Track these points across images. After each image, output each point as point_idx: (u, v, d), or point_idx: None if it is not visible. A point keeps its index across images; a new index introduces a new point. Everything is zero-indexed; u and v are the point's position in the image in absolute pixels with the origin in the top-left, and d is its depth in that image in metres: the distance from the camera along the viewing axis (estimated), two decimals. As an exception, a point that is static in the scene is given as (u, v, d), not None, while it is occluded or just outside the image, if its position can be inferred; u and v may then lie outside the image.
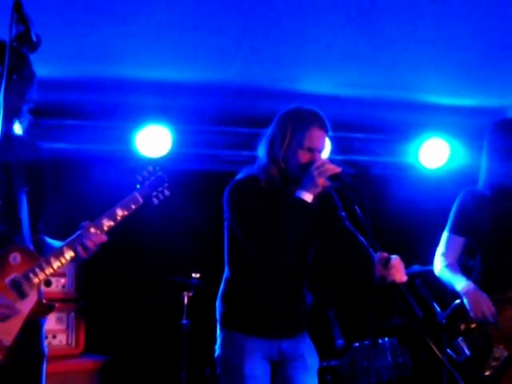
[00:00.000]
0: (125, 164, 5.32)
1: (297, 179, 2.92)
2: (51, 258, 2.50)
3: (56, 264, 2.50)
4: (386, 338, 4.71)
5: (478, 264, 3.68)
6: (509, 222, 3.53)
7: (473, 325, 3.54)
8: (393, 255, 2.79)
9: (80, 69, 4.55)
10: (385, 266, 2.75)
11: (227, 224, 3.02)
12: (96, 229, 2.56)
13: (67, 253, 2.52)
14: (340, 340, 4.75)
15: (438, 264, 3.76)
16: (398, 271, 2.74)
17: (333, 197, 3.11)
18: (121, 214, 2.61)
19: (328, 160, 2.87)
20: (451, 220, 3.74)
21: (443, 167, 5.73)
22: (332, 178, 2.82)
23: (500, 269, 3.56)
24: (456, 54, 4.35)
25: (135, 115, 5.20)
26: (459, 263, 3.75)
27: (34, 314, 2.48)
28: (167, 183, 2.74)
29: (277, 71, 4.71)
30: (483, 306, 3.47)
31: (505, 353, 3.42)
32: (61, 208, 2.97)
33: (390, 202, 5.58)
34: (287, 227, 2.81)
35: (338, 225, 3.07)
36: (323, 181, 2.81)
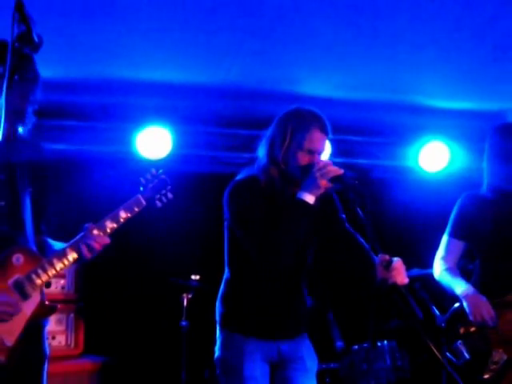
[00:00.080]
0: (125, 165, 5.33)
1: (297, 181, 2.92)
2: (54, 260, 2.49)
3: (59, 265, 2.49)
4: (385, 341, 4.70)
5: (478, 268, 3.68)
6: (509, 226, 3.54)
7: (472, 328, 3.54)
8: (394, 257, 2.79)
9: (80, 70, 4.55)
10: (386, 268, 2.74)
11: (227, 224, 3.01)
12: (99, 231, 2.55)
13: (70, 254, 2.51)
14: (339, 342, 4.74)
15: (438, 267, 3.75)
16: (400, 273, 2.73)
17: (333, 199, 3.11)
18: (124, 217, 2.61)
19: (330, 162, 2.86)
20: (451, 224, 3.74)
21: (443, 171, 5.73)
22: (334, 180, 2.81)
23: (499, 272, 3.56)
24: (456, 57, 4.36)
25: (135, 116, 5.19)
26: (459, 267, 3.75)
27: (37, 315, 2.47)
28: (170, 186, 2.73)
29: (277, 73, 4.71)
30: (483, 310, 3.47)
31: (504, 356, 3.42)
32: (61, 209, 2.97)
33: (390, 206, 5.58)
34: (288, 228, 2.80)
35: (339, 227, 3.08)
36: (325, 182, 2.81)
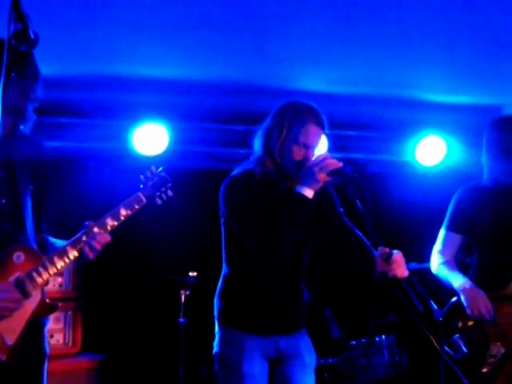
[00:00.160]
0: (121, 162, 5.32)
1: (291, 175, 2.91)
2: (55, 258, 2.48)
3: (59, 263, 2.48)
4: (383, 336, 4.71)
5: (475, 261, 3.68)
6: (507, 219, 3.54)
7: (470, 322, 3.54)
8: (394, 250, 2.78)
9: (76, 67, 4.54)
10: (386, 261, 2.74)
11: (223, 221, 3.00)
12: (100, 228, 2.54)
13: (71, 252, 2.50)
14: (336, 332, 4.74)
15: (435, 261, 3.75)
16: (400, 266, 2.73)
17: (331, 193, 3.10)
18: (124, 214, 2.60)
19: (329, 155, 2.84)
20: (448, 217, 3.74)
21: (440, 165, 5.73)
22: (333, 174, 2.80)
23: (497, 266, 3.56)
24: (452, 51, 4.34)
25: (131, 113, 5.18)
26: (456, 261, 3.75)
27: (38, 314, 2.47)
28: (170, 184, 2.72)
29: (273, 69, 4.70)
30: (480, 304, 3.47)
31: (502, 350, 3.42)
32: (59, 206, 2.96)
33: (387, 200, 5.58)
34: (288, 223, 2.79)
35: (336, 220, 3.06)
36: (324, 176, 2.79)
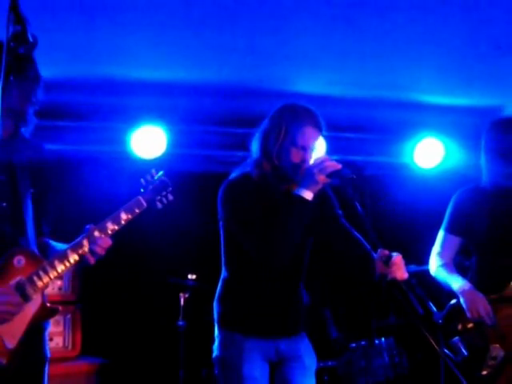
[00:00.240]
0: (119, 165, 5.31)
1: (289, 177, 2.91)
2: (55, 262, 2.47)
3: (60, 267, 2.47)
4: (383, 338, 4.71)
5: (474, 263, 3.68)
6: (506, 221, 3.54)
7: (470, 324, 3.54)
8: (394, 252, 2.79)
9: (74, 69, 4.53)
10: (386, 264, 2.74)
11: (222, 224, 3.00)
12: (100, 232, 2.53)
13: (71, 256, 2.49)
14: (335, 332, 4.74)
15: (434, 264, 3.75)
16: (399, 268, 2.73)
17: (329, 195, 3.11)
18: (125, 218, 2.59)
19: (328, 157, 2.85)
20: (447, 219, 3.74)
21: (438, 167, 5.74)
22: (332, 175, 2.79)
23: (496, 268, 3.56)
24: (450, 53, 4.35)
25: (130, 116, 5.17)
26: (455, 263, 3.75)
27: (38, 318, 2.46)
28: (171, 188, 2.71)
29: (271, 71, 4.70)
30: (479, 306, 3.47)
31: (501, 352, 3.43)
32: (58, 209, 2.95)
33: (385, 202, 5.58)
34: (287, 225, 2.80)
35: (335, 223, 3.07)
36: (323, 178, 2.79)
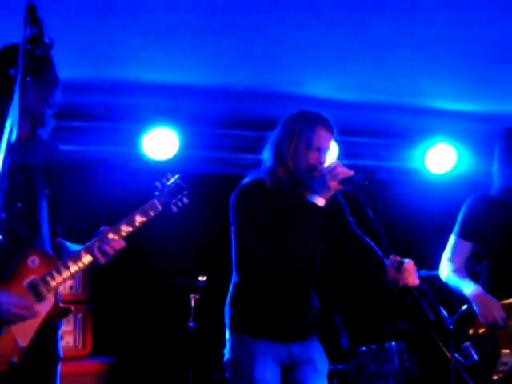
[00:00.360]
0: (131, 166, 5.33)
1: (304, 181, 2.92)
2: (69, 262, 2.49)
3: (73, 268, 2.49)
4: (393, 343, 4.70)
5: (485, 269, 3.68)
6: None
7: (481, 330, 3.53)
8: (405, 259, 2.80)
9: (87, 71, 4.54)
10: (397, 270, 2.76)
11: (234, 229, 3.01)
12: (114, 234, 2.54)
13: (85, 257, 2.50)
14: (344, 340, 4.74)
15: (445, 269, 3.75)
16: (411, 275, 2.74)
17: (341, 201, 3.11)
18: (139, 221, 2.59)
19: (340, 163, 2.86)
20: (458, 224, 3.74)
21: (449, 172, 5.72)
22: (344, 182, 2.80)
23: (508, 273, 3.56)
24: (463, 58, 4.34)
25: (142, 118, 5.19)
26: (466, 268, 3.74)
27: (51, 317, 2.48)
28: (186, 191, 2.71)
29: (283, 75, 4.71)
30: (494, 311, 3.46)
31: (512, 358, 3.43)
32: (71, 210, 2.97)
33: (396, 207, 5.56)
34: (299, 232, 2.81)
35: (346, 228, 3.07)
36: (336, 184, 2.79)
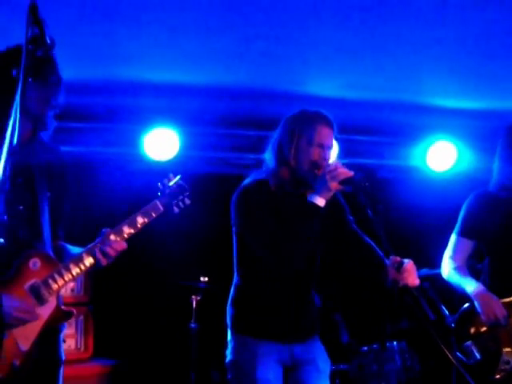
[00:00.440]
0: (132, 167, 5.33)
1: (307, 180, 2.92)
2: (70, 265, 2.48)
3: (75, 270, 2.48)
4: (395, 342, 4.69)
5: (487, 267, 3.68)
6: None
7: (483, 328, 3.53)
8: (405, 259, 2.80)
9: (87, 72, 4.54)
10: (397, 270, 2.76)
11: (235, 229, 3.01)
12: (116, 236, 2.53)
13: (87, 259, 2.50)
14: (345, 337, 4.74)
15: (446, 267, 3.75)
16: (411, 275, 2.75)
17: (341, 201, 3.12)
18: (141, 222, 2.58)
19: (340, 164, 2.87)
20: (459, 223, 3.74)
21: (450, 170, 5.71)
22: (344, 182, 2.82)
23: (509, 271, 3.56)
24: (463, 56, 4.34)
25: (143, 118, 5.18)
26: (467, 266, 3.74)
27: (53, 320, 2.47)
28: (188, 192, 2.70)
29: (284, 74, 4.70)
30: (495, 309, 3.46)
31: (514, 357, 3.42)
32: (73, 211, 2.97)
33: (397, 206, 5.56)
34: (300, 232, 2.82)
35: (346, 228, 3.09)
36: (336, 185, 2.81)
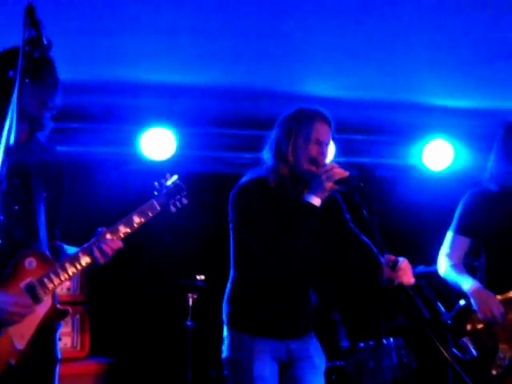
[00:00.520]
0: (129, 167, 5.33)
1: (305, 177, 2.93)
2: (66, 264, 2.47)
3: (71, 270, 2.48)
4: (391, 339, 4.70)
5: (483, 264, 3.68)
6: None
7: (479, 325, 3.53)
8: (400, 257, 2.82)
9: (84, 71, 4.55)
10: (392, 269, 2.78)
11: (232, 227, 3.02)
12: (112, 235, 2.52)
13: (83, 259, 2.49)
14: (345, 342, 4.75)
15: (443, 264, 3.75)
16: (406, 273, 2.76)
17: (338, 200, 3.13)
18: (138, 221, 2.57)
19: (336, 164, 2.88)
20: (456, 220, 3.74)
21: (447, 169, 5.73)
22: (340, 182, 2.83)
23: (505, 269, 3.56)
24: (459, 56, 4.36)
25: (139, 118, 5.19)
26: (464, 264, 3.75)
27: (48, 319, 2.47)
28: (185, 192, 2.69)
29: (280, 74, 4.72)
30: (492, 306, 3.46)
31: (510, 353, 3.42)
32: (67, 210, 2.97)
33: (394, 204, 5.58)
34: (297, 231, 2.82)
35: (343, 227, 3.09)
36: (331, 185, 2.82)
